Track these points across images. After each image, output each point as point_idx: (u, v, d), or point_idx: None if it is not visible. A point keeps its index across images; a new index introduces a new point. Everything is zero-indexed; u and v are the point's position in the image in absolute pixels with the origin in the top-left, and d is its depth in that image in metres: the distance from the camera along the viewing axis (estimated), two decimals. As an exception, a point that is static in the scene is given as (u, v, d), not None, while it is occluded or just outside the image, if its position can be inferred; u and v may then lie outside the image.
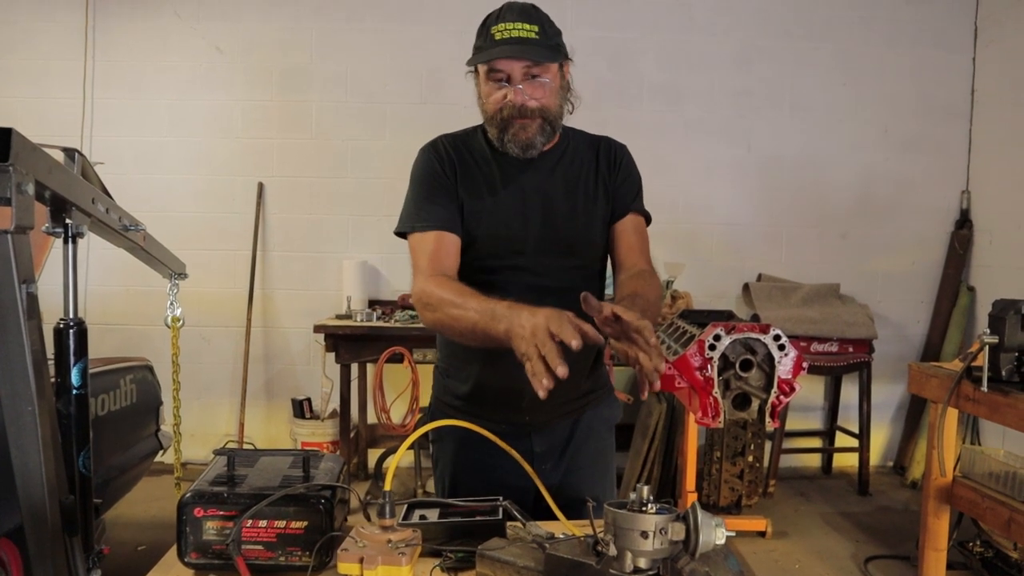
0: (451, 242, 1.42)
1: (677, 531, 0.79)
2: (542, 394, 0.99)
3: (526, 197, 1.46)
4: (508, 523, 1.03)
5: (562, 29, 1.52)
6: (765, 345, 1.73)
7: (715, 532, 0.77)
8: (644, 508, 0.82)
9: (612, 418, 1.65)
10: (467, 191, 1.46)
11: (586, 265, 1.51)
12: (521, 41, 1.35)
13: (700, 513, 0.78)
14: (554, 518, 1.14)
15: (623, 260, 1.52)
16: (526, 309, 1.11)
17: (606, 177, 1.52)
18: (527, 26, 1.36)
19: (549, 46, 1.39)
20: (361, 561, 0.93)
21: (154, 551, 1.26)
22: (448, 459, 1.55)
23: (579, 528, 1.03)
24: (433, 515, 1.14)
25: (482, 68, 1.40)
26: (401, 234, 1.48)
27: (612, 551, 0.81)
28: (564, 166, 1.50)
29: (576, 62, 1.54)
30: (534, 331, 1.03)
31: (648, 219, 1.59)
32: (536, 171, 1.47)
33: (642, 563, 0.81)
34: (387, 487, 1.00)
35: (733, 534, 0.79)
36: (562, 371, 0.98)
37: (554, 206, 1.47)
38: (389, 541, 0.96)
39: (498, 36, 1.35)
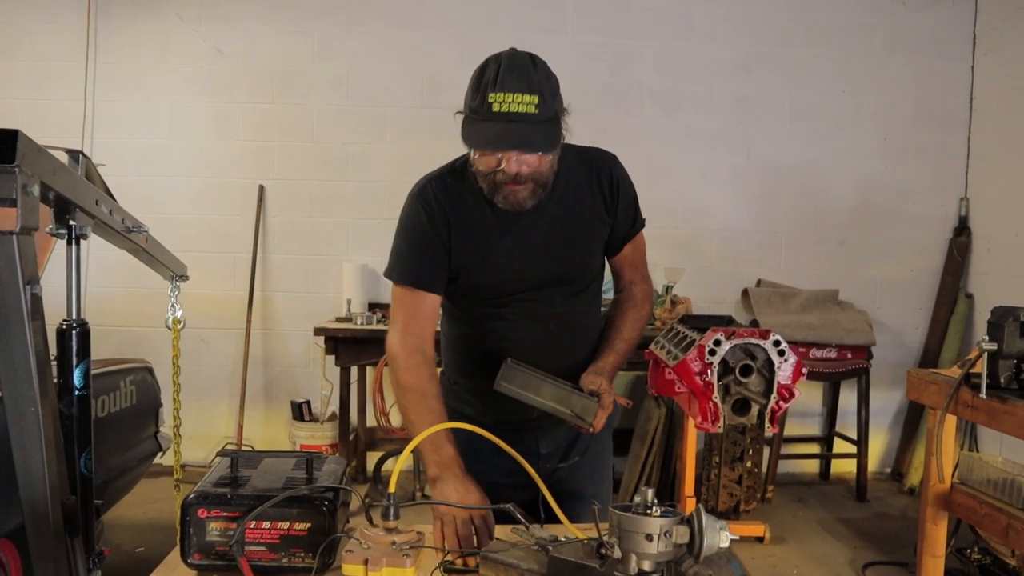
0: (430, 303, 1.47)
1: (681, 534, 0.79)
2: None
3: (524, 240, 1.47)
4: (511, 526, 1.04)
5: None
6: (765, 351, 1.74)
7: (719, 535, 0.78)
8: (649, 511, 0.82)
9: (611, 422, 1.69)
10: (464, 243, 1.46)
11: (584, 289, 1.57)
12: (520, 118, 1.28)
13: (704, 516, 0.79)
14: (554, 519, 1.15)
15: (621, 275, 1.66)
16: (451, 485, 1.28)
17: (607, 201, 1.53)
18: (527, 97, 1.28)
19: (548, 120, 1.32)
20: (365, 562, 0.93)
21: (152, 553, 1.27)
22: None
23: (582, 531, 1.03)
24: None
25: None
26: None
27: (616, 553, 0.81)
28: (558, 197, 1.48)
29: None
30: (445, 520, 1.22)
31: (643, 224, 1.65)
32: (531, 210, 1.44)
33: (646, 566, 0.82)
34: (392, 489, 1.00)
35: (737, 538, 0.80)
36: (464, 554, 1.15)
37: (552, 243, 1.49)
38: (393, 543, 0.96)
39: (496, 107, 1.27)
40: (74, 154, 1.38)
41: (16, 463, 1.02)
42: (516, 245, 1.46)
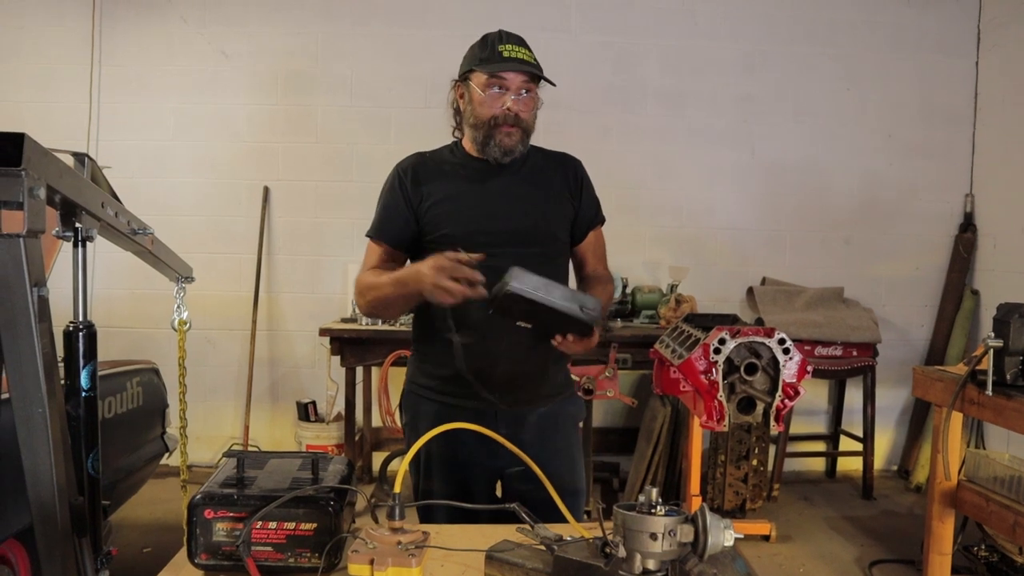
0: (394, 256, 1.70)
1: (686, 533, 0.79)
2: (478, 292, 1.34)
3: (492, 197, 1.67)
4: (516, 526, 1.04)
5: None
6: (770, 349, 1.74)
7: (724, 534, 0.78)
8: (653, 510, 0.82)
9: (577, 415, 1.78)
10: (432, 197, 1.66)
11: (548, 254, 1.68)
12: (525, 62, 1.61)
13: (709, 515, 0.79)
14: (554, 508, 1.15)
15: (584, 263, 1.81)
16: (415, 265, 1.46)
17: (571, 188, 1.74)
18: (528, 52, 1.63)
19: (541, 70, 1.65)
20: (371, 562, 0.93)
21: (159, 553, 1.28)
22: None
23: (587, 530, 1.03)
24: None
25: (483, 78, 1.61)
26: None
27: (621, 552, 0.81)
28: (526, 171, 1.71)
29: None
30: (433, 272, 1.37)
31: (604, 221, 1.82)
32: (501, 175, 1.68)
33: (651, 565, 0.82)
34: (397, 489, 1.00)
35: (741, 536, 0.80)
36: (478, 278, 1.35)
37: (518, 203, 1.67)
38: (399, 543, 0.97)
39: (506, 54, 1.60)
40: (80, 157, 1.39)
41: (24, 464, 1.03)
42: (482, 199, 1.66)
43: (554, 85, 1.65)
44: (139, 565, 2.73)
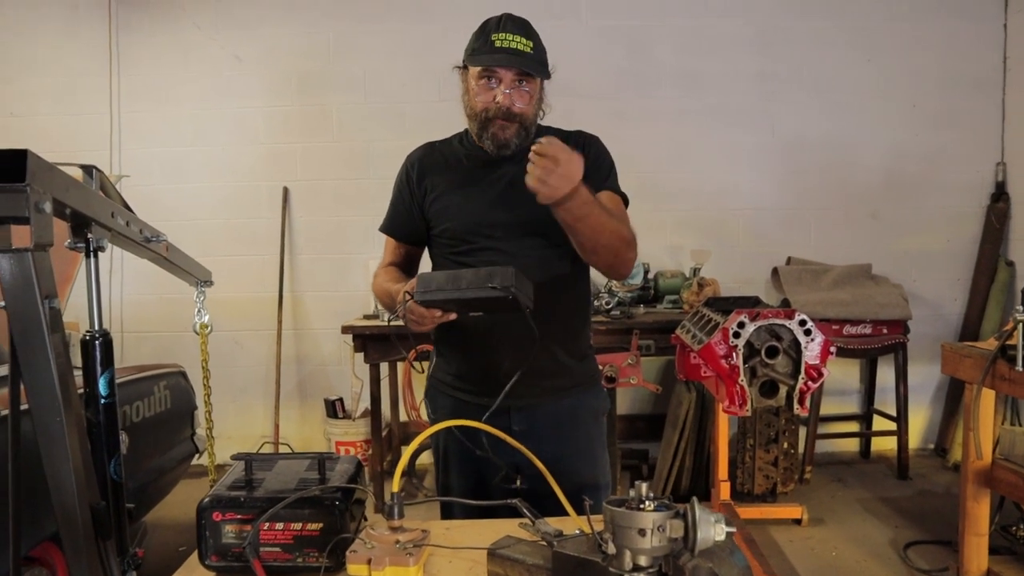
0: (404, 251, 1.74)
1: (675, 528, 0.78)
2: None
3: (494, 188, 1.60)
4: (519, 520, 1.03)
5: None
6: (791, 331, 1.71)
7: (714, 528, 0.76)
8: (642, 506, 0.81)
9: (599, 408, 1.72)
10: (437, 190, 1.64)
11: (552, 243, 1.58)
12: (518, 53, 1.50)
13: (699, 510, 0.77)
14: (555, 499, 1.14)
15: None
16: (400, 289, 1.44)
17: None
18: (524, 40, 1.51)
19: (539, 61, 1.54)
20: (369, 562, 0.93)
21: (194, 551, 1.30)
22: (442, 433, 1.67)
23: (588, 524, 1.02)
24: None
25: (475, 69, 1.54)
26: None
27: (611, 549, 0.80)
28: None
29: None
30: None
31: (626, 200, 1.67)
32: (504, 165, 1.60)
33: (642, 561, 0.81)
34: (395, 488, 1.01)
35: (733, 530, 0.78)
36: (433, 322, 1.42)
37: (520, 193, 1.54)
38: (397, 542, 0.97)
39: (498, 43, 1.50)
40: (88, 169, 1.41)
41: (46, 472, 1.05)
42: (483, 191, 1.61)
43: (548, 78, 1.55)
44: (176, 563, 2.78)
